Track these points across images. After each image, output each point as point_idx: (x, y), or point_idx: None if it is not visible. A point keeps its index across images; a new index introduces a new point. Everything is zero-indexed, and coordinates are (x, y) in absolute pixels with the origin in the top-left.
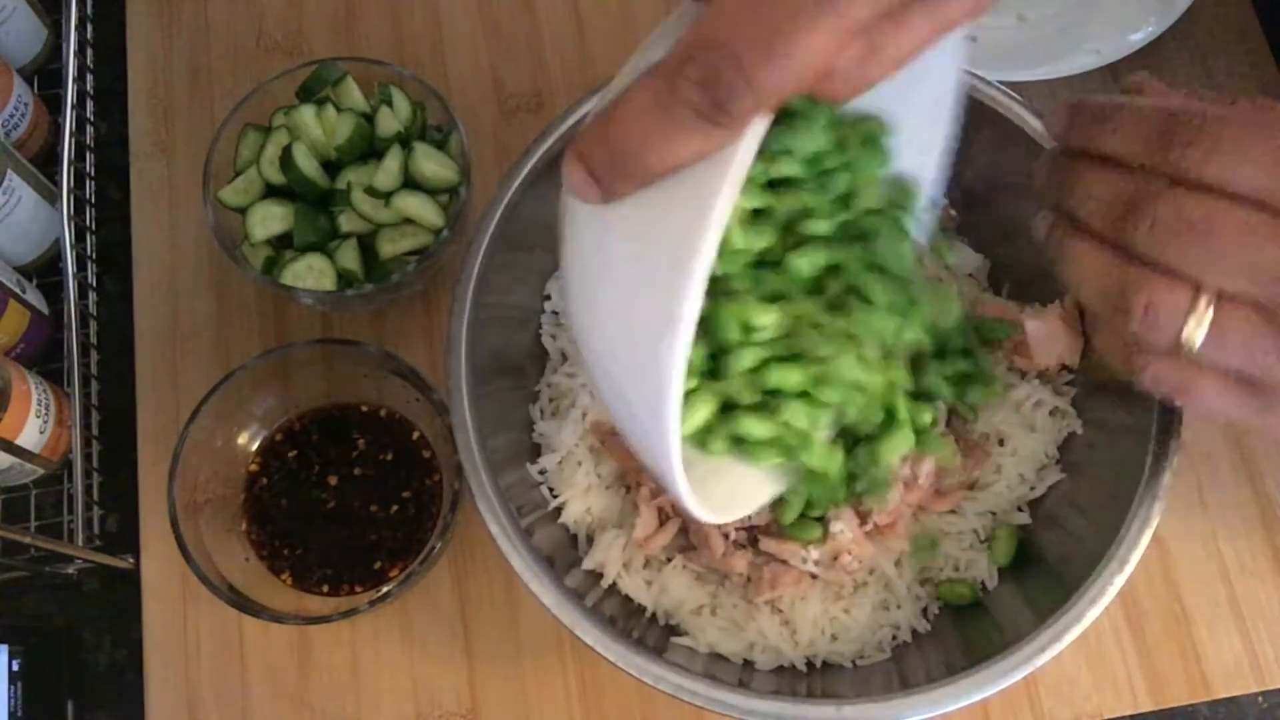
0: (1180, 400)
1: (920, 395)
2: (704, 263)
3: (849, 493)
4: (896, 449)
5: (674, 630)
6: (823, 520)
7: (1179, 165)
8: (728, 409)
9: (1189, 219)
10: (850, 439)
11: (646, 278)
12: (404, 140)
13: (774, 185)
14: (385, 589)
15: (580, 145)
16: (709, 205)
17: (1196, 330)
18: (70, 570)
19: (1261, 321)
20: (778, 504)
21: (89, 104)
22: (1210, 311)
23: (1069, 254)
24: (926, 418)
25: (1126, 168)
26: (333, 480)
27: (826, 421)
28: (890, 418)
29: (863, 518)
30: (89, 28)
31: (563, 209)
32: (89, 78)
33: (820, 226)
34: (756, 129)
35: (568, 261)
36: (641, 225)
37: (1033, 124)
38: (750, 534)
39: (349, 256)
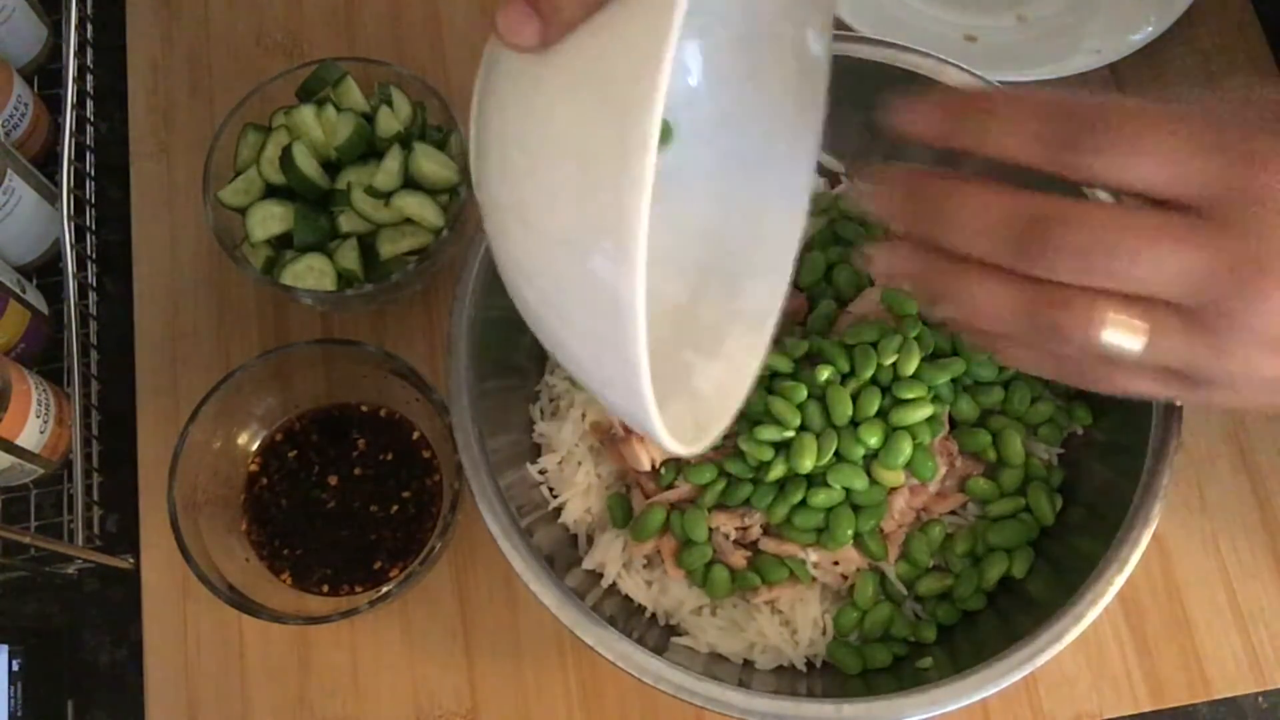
0: (1110, 390)
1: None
2: (665, 69)
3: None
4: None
5: (674, 630)
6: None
7: (1070, 166)
8: None
9: (1090, 238)
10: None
11: (595, 117)
12: (404, 140)
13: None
14: (385, 589)
15: None
16: (663, 13)
17: (1124, 339)
18: (70, 570)
19: (1182, 322)
20: (775, 505)
21: (89, 104)
22: (1134, 320)
23: (955, 291)
24: (924, 430)
25: (1008, 184)
26: (333, 480)
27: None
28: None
29: None
30: (89, 28)
31: (477, 100)
32: (89, 78)
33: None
34: None
35: (485, 161)
36: (583, 61)
37: None
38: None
39: (349, 256)
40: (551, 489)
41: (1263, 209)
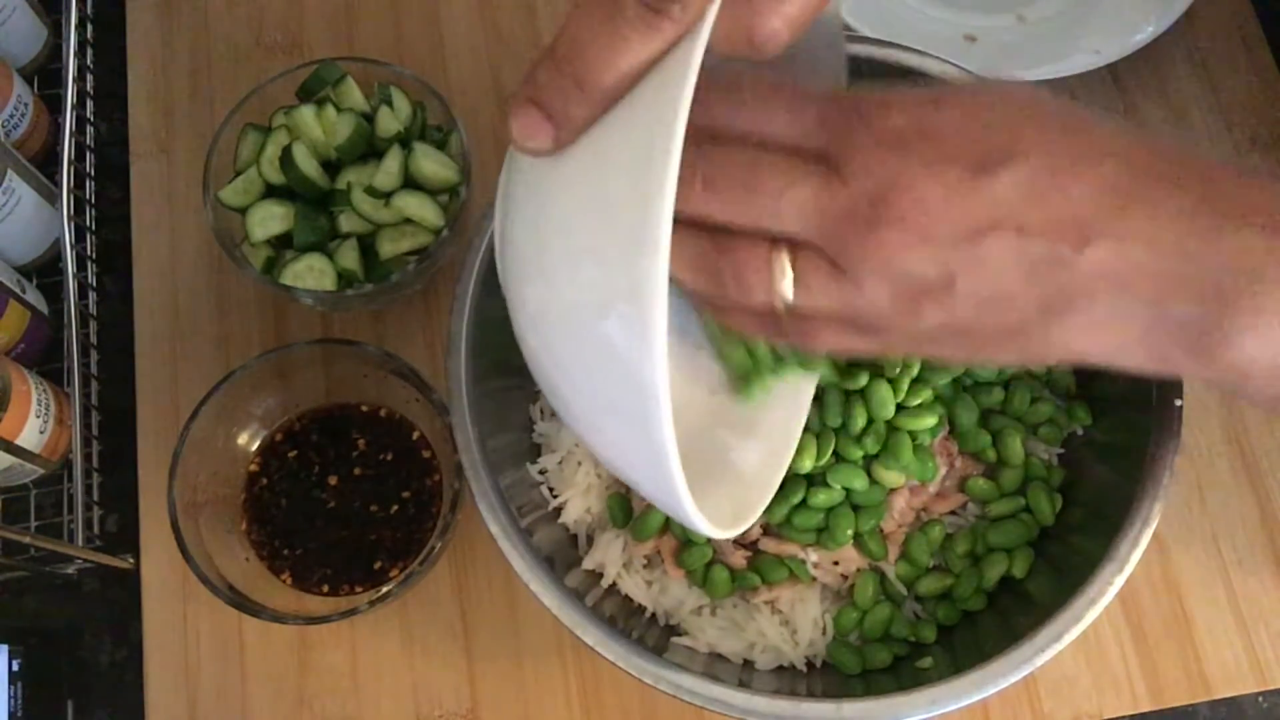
0: (806, 346)
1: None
2: (671, 170)
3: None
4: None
5: (674, 630)
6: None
7: (714, 122)
8: None
9: (733, 172)
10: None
11: (609, 210)
12: (404, 140)
13: None
14: (385, 589)
15: (527, 84)
16: (667, 112)
17: (783, 283)
18: (70, 570)
19: (827, 264)
20: (775, 505)
21: (89, 104)
22: (787, 262)
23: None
24: (924, 431)
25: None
26: (333, 480)
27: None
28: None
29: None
30: (89, 28)
31: (500, 202)
32: (89, 78)
33: None
34: (706, 22)
35: (509, 263)
36: (596, 162)
37: None
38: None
39: (349, 256)
40: (551, 489)
41: (865, 152)
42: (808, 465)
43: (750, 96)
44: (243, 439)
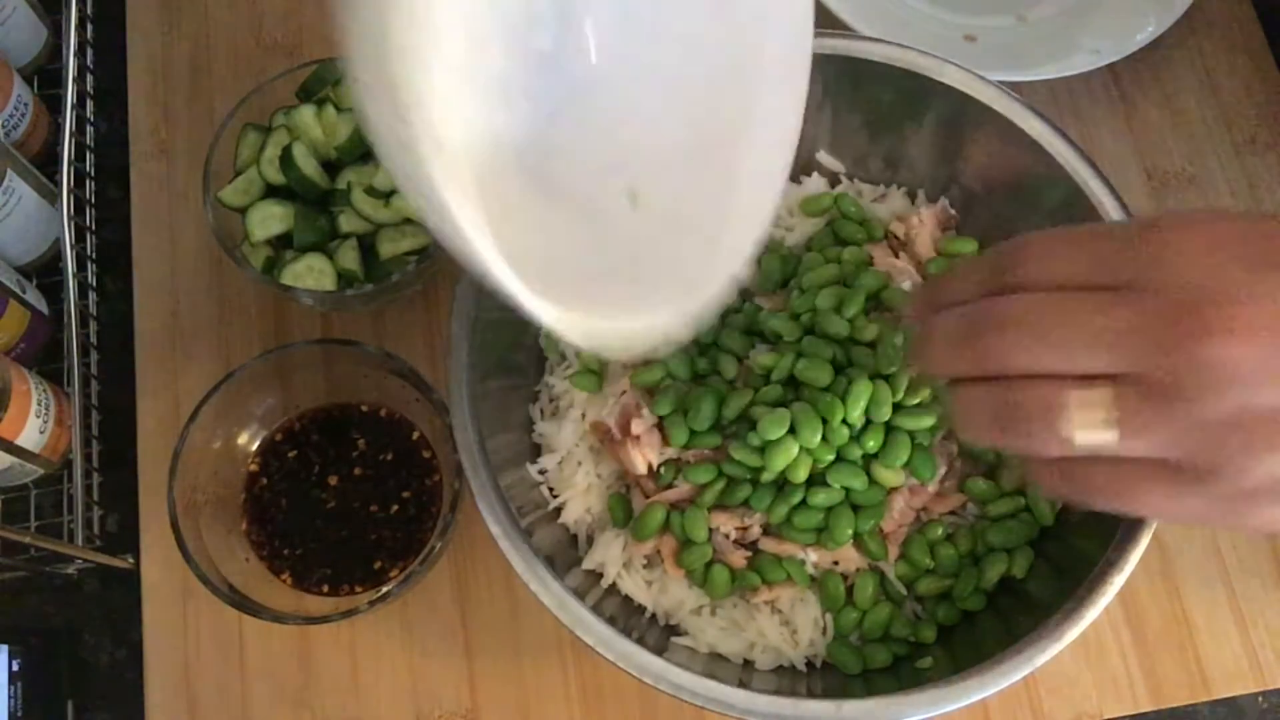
0: (1132, 509)
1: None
2: None
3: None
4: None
5: (674, 630)
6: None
7: (1004, 281)
8: None
9: (1020, 316)
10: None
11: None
12: None
13: None
14: (385, 589)
15: None
16: None
17: (1105, 421)
18: (70, 570)
19: (1142, 395)
20: (775, 505)
21: (89, 104)
22: (1108, 396)
23: (954, 408)
24: (924, 430)
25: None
26: (333, 480)
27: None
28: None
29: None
30: (89, 28)
31: None
32: (89, 78)
33: None
34: None
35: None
36: None
37: (1032, 124)
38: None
39: (349, 256)
40: (551, 489)
41: (1173, 265)
42: (802, 475)
43: (1031, 249)
44: (243, 439)
